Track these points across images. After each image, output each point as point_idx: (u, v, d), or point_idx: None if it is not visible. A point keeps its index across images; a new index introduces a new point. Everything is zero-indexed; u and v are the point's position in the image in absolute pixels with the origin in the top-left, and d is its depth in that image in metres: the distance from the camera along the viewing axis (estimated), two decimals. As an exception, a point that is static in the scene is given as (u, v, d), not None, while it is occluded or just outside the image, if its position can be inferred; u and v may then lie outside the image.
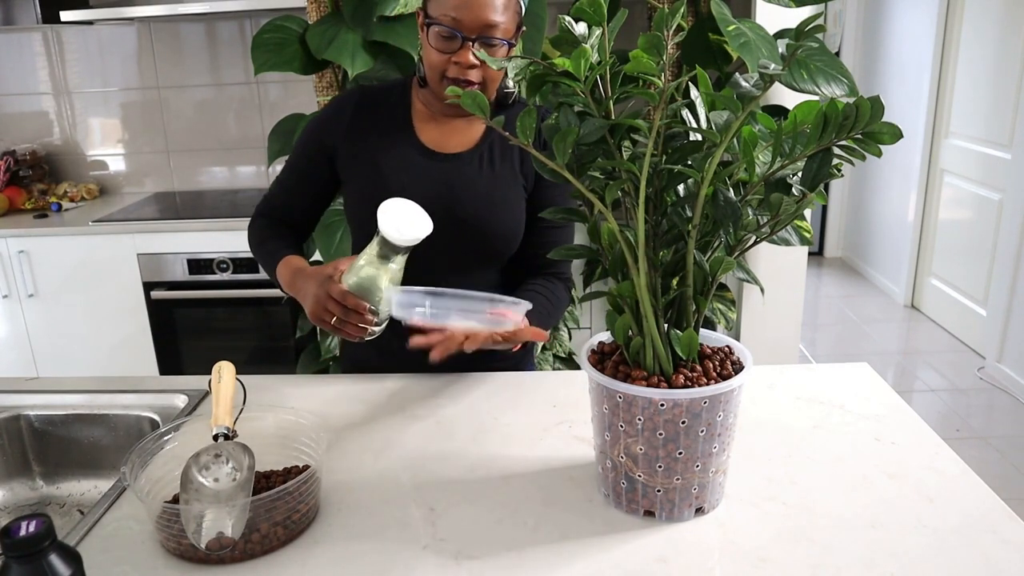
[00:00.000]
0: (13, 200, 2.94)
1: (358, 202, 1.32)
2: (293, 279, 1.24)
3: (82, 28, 3.05)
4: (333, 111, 1.34)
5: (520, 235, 1.34)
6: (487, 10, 1.16)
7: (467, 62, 1.19)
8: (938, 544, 0.87)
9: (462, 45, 1.18)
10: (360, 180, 1.31)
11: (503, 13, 1.18)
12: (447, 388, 1.29)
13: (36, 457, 1.31)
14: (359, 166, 1.31)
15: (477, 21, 1.16)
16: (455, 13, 1.16)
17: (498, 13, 1.17)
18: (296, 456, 1.03)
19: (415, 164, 1.30)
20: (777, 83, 1.45)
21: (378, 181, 1.29)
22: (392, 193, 1.27)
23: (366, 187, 1.30)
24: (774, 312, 2.54)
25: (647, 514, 0.93)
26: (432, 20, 1.19)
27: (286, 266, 1.28)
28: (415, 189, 1.27)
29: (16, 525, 0.67)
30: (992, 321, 3.52)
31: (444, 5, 1.17)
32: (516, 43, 1.23)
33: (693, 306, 0.92)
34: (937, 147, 4.09)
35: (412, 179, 1.29)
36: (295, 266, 1.26)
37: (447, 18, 1.17)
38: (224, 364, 1.05)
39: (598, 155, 0.88)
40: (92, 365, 2.81)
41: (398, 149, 1.30)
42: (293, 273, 1.25)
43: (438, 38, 1.19)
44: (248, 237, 1.40)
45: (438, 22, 1.18)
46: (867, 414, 1.17)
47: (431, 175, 1.29)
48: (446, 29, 1.17)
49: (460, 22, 1.16)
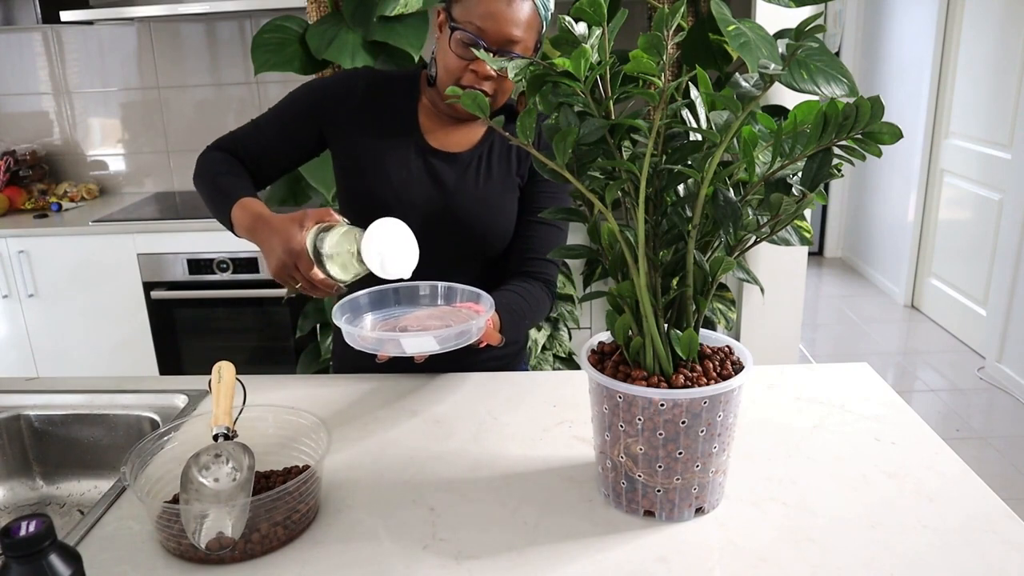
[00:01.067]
0: (13, 200, 2.94)
1: (353, 192, 1.32)
2: (254, 225, 1.17)
3: (82, 28, 3.05)
4: (342, 87, 1.31)
5: (512, 232, 1.34)
6: (512, 25, 1.16)
7: (484, 72, 1.19)
8: (938, 544, 0.87)
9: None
10: (358, 170, 1.31)
11: (526, 31, 1.18)
12: (447, 388, 1.29)
13: (36, 457, 1.31)
14: (360, 156, 1.30)
15: (500, 34, 1.16)
16: (480, 23, 1.16)
17: (521, 29, 1.17)
18: (296, 456, 1.03)
19: (415, 161, 1.30)
20: (777, 83, 1.45)
21: (377, 175, 1.29)
22: (390, 187, 1.27)
23: (364, 179, 1.30)
24: (774, 312, 2.55)
25: (647, 514, 0.93)
26: (456, 25, 1.18)
27: (244, 209, 1.19)
28: (412, 185, 1.28)
29: (16, 525, 0.67)
30: (992, 321, 3.52)
31: (471, 12, 1.17)
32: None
33: (693, 306, 0.92)
34: (937, 147, 4.09)
35: (410, 175, 1.29)
36: (255, 211, 1.18)
37: (472, 26, 1.17)
38: (224, 364, 1.05)
39: (598, 155, 0.88)
40: (92, 365, 2.81)
41: (401, 145, 1.30)
42: (254, 219, 1.17)
43: (459, 44, 1.19)
44: (197, 166, 1.31)
45: (462, 28, 1.17)
46: (867, 414, 1.17)
47: (429, 173, 1.30)
48: (469, 36, 1.17)
49: (484, 32, 1.16)
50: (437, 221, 1.29)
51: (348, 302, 1.16)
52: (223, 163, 1.30)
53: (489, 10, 1.16)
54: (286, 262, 1.08)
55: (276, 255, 1.10)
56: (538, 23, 1.21)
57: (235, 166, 1.30)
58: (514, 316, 1.26)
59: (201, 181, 1.29)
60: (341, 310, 1.14)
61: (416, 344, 1.04)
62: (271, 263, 1.11)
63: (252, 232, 1.18)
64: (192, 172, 1.32)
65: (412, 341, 1.04)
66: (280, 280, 1.11)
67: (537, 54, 1.23)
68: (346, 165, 1.32)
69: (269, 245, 1.12)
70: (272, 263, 1.11)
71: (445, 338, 1.05)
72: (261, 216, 1.16)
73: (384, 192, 1.28)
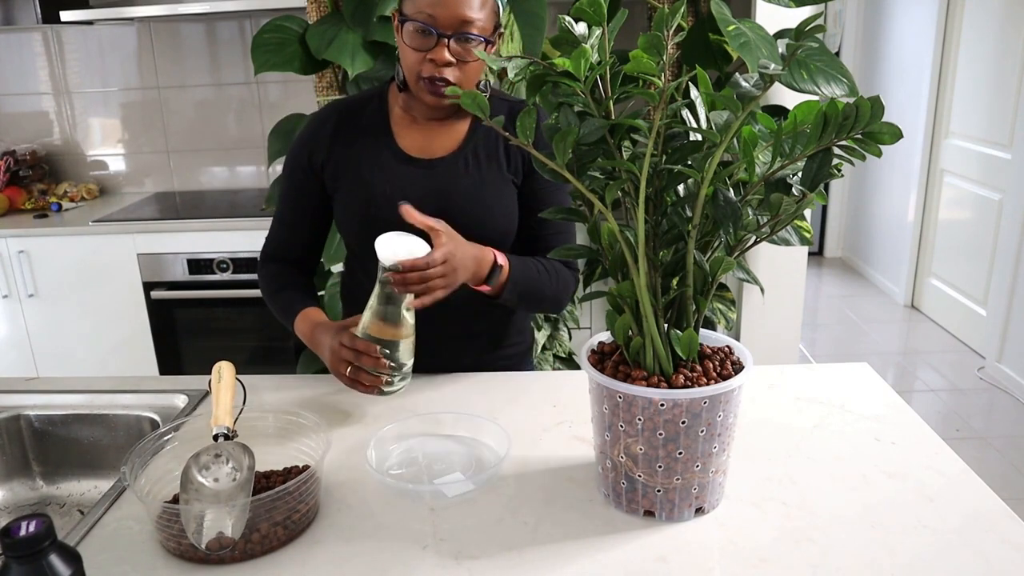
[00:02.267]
0: (13, 200, 2.94)
1: (347, 216, 1.32)
2: (313, 334, 1.25)
3: (82, 28, 3.05)
4: (313, 129, 1.32)
5: (514, 229, 1.33)
6: (463, 7, 1.14)
7: (442, 59, 1.17)
8: (938, 544, 0.87)
9: (437, 42, 1.16)
10: (346, 193, 1.30)
11: (480, 10, 1.16)
12: (447, 388, 1.29)
13: (36, 457, 1.31)
14: (345, 179, 1.30)
15: (453, 17, 1.15)
16: (430, 10, 1.14)
17: (474, 10, 1.15)
18: (296, 456, 1.03)
19: (400, 173, 1.28)
20: (777, 83, 1.45)
21: (364, 193, 1.28)
22: (379, 203, 1.27)
23: (353, 200, 1.30)
24: (774, 312, 2.54)
25: (647, 514, 0.93)
26: (407, 17, 1.17)
27: (305, 320, 1.29)
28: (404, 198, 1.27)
29: (16, 525, 0.67)
30: (992, 321, 3.52)
31: (419, 2, 1.15)
32: (495, 41, 1.22)
33: (693, 306, 0.92)
34: (937, 147, 4.09)
35: (399, 188, 1.27)
36: (314, 320, 1.27)
37: (422, 15, 1.15)
38: (224, 364, 1.05)
39: (598, 155, 0.88)
40: (92, 365, 2.81)
41: (381, 159, 1.29)
42: (312, 328, 1.26)
43: (413, 35, 1.17)
44: (260, 287, 1.40)
45: (413, 19, 1.16)
46: (867, 414, 1.17)
47: (418, 182, 1.28)
48: (421, 25, 1.16)
49: (435, 18, 1.15)
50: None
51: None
52: (277, 277, 1.38)
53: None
54: (334, 347, 1.15)
55: (327, 345, 1.18)
56: (492, 2, 1.19)
57: (286, 272, 1.39)
58: (526, 266, 1.26)
59: (268, 302, 1.38)
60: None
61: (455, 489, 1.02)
62: (325, 355, 1.19)
63: (310, 338, 1.27)
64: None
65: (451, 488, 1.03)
66: (335, 372, 1.17)
67: (496, 33, 1.22)
68: (337, 194, 1.32)
69: (322, 344, 1.20)
70: (326, 355, 1.19)
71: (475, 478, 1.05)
72: (318, 323, 1.26)
73: (375, 211, 1.27)
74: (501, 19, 1.23)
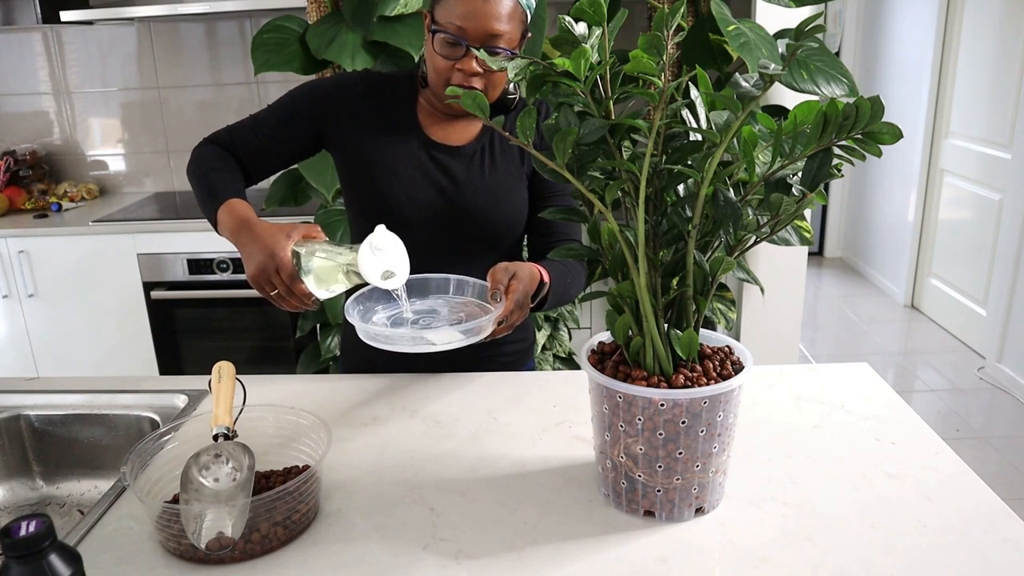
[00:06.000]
0: (13, 200, 2.94)
1: (361, 193, 1.33)
2: (239, 229, 1.15)
3: (82, 28, 3.05)
4: (340, 89, 1.33)
5: (523, 223, 1.36)
6: (492, 20, 1.17)
7: (471, 70, 1.20)
8: (938, 544, 0.87)
9: (466, 53, 1.19)
10: (365, 171, 1.31)
11: (508, 23, 1.18)
12: (447, 388, 1.29)
13: (36, 457, 1.31)
14: (366, 157, 1.31)
15: (482, 31, 1.17)
16: (460, 22, 1.17)
17: (503, 23, 1.18)
18: (296, 456, 1.03)
19: (419, 157, 1.31)
20: (777, 83, 1.45)
21: (385, 173, 1.30)
22: (398, 184, 1.28)
23: (373, 179, 1.31)
24: (774, 312, 2.55)
25: (647, 514, 0.93)
26: (438, 27, 1.19)
27: (230, 211, 1.18)
28: (420, 180, 1.30)
29: (16, 525, 0.67)
30: (992, 321, 3.52)
31: (450, 13, 1.17)
32: (520, 52, 1.24)
33: (693, 306, 0.92)
34: (937, 147, 4.09)
35: (416, 171, 1.30)
36: (242, 215, 1.16)
37: (452, 26, 1.17)
38: (224, 364, 1.05)
39: (598, 155, 0.88)
40: (92, 365, 2.81)
41: (404, 142, 1.31)
42: (239, 223, 1.15)
43: (443, 45, 1.20)
44: (191, 159, 1.31)
45: (444, 29, 1.18)
46: (867, 414, 1.17)
47: (435, 167, 1.31)
48: (451, 37, 1.18)
49: (465, 31, 1.17)
50: (447, 214, 1.31)
51: (359, 297, 1.17)
52: (216, 159, 1.29)
53: (468, 9, 1.16)
54: (267, 267, 1.07)
55: (257, 260, 1.09)
56: (521, 13, 1.21)
57: (228, 162, 1.29)
58: (557, 272, 1.27)
59: (193, 176, 1.28)
60: (353, 305, 1.15)
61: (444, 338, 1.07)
62: (250, 267, 1.10)
63: (235, 235, 1.16)
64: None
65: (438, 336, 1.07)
66: (256, 286, 1.10)
67: (524, 43, 1.24)
68: (352, 167, 1.33)
69: (251, 250, 1.10)
70: (251, 267, 1.10)
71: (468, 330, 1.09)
72: (247, 221, 1.15)
73: (394, 189, 1.29)
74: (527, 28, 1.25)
